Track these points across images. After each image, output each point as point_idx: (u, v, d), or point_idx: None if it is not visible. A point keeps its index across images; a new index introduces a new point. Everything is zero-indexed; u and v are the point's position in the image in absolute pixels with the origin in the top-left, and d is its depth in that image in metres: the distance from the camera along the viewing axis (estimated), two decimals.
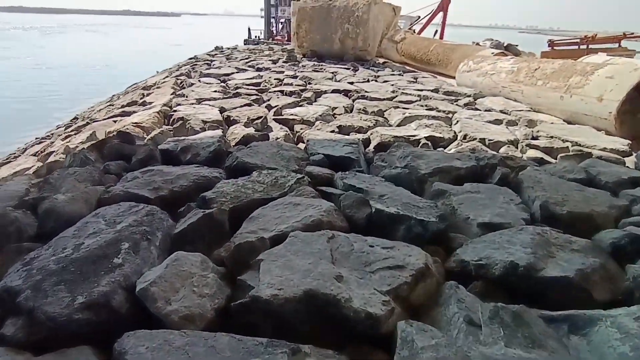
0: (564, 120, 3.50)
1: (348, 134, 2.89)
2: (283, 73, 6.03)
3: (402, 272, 1.21)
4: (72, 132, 3.68)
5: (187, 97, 3.99)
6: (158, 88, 4.80)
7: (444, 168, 2.11)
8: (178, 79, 5.18)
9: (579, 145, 2.71)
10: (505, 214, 1.64)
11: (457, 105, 4.11)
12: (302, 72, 6.22)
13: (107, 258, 1.22)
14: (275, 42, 17.08)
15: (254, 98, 4.03)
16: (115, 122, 3.42)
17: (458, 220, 1.65)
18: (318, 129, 2.94)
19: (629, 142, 2.80)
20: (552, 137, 2.91)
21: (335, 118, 3.39)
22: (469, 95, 4.60)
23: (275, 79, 5.30)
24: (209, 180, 1.90)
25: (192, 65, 7.14)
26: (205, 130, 2.78)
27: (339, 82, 5.47)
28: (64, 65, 18.36)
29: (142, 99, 4.26)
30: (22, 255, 1.32)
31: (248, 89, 4.56)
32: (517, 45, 12.45)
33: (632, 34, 11.06)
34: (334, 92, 4.58)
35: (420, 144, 2.66)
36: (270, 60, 7.85)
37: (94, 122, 3.67)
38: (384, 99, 4.24)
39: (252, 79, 5.32)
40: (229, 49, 11.07)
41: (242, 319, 1.09)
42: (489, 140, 2.76)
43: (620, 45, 10.97)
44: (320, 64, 7.30)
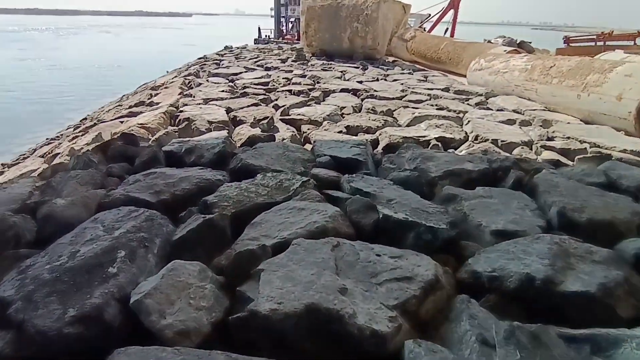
0: (581, 120, 3.37)
1: (356, 135, 2.82)
2: (292, 72, 5.98)
3: (410, 284, 1.14)
4: (79, 133, 3.68)
5: (194, 97, 3.96)
6: (166, 88, 4.79)
7: (455, 171, 2.03)
8: (186, 79, 5.17)
9: (598, 147, 2.59)
10: (520, 221, 1.55)
11: (468, 105, 4.00)
12: (310, 71, 6.15)
13: (101, 267, 1.18)
14: (285, 41, 17.05)
15: (262, 98, 3.98)
16: (122, 122, 3.41)
17: (470, 227, 1.57)
18: (325, 130, 2.87)
19: None
20: (568, 137, 2.80)
21: (344, 118, 3.32)
22: (481, 94, 4.48)
23: (284, 78, 5.25)
24: (212, 184, 1.85)
25: (201, 65, 7.13)
26: (211, 131, 2.74)
27: (348, 81, 5.40)
28: (77, 66, 18.64)
29: (149, 100, 4.25)
30: (18, 262, 1.28)
31: (256, 89, 4.52)
32: (530, 42, 12.19)
33: None
34: (343, 91, 4.51)
35: (430, 145, 2.57)
36: (280, 60, 7.80)
37: (101, 122, 3.66)
38: (394, 99, 4.15)
39: (260, 79, 5.28)
40: (239, 49, 11.06)
41: (239, 334, 1.03)
42: (502, 142, 2.66)
43: (636, 43, 10.66)
44: (329, 63, 7.23)
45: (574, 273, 1.20)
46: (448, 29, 17.08)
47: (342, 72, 6.18)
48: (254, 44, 15.18)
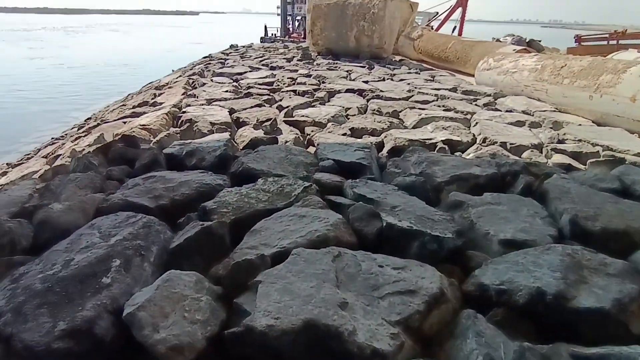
0: (593, 122, 3.28)
1: (361, 137, 2.77)
2: (297, 72, 5.93)
3: (413, 298, 1.09)
4: (82, 133, 3.67)
5: (197, 97, 3.93)
6: (170, 88, 4.77)
7: (462, 175, 1.97)
8: (190, 79, 5.15)
9: (611, 150, 2.51)
10: (530, 230, 1.49)
11: (476, 106, 3.92)
12: (316, 70, 6.10)
13: (95, 277, 1.14)
14: (292, 39, 17.01)
15: (266, 98, 3.94)
16: (125, 123, 3.39)
17: (477, 236, 1.51)
18: (329, 132, 2.83)
19: None
20: (580, 140, 2.72)
21: (348, 119, 3.27)
22: (489, 95, 4.39)
23: (289, 78, 5.21)
24: (212, 188, 1.81)
25: (205, 64, 7.12)
26: (213, 133, 2.71)
27: (354, 81, 5.33)
28: (85, 65, 18.76)
29: (153, 100, 4.23)
30: (12, 270, 1.26)
31: (260, 89, 4.48)
32: (540, 41, 12.01)
33: None
34: (348, 91, 4.45)
35: (437, 148, 2.51)
36: (285, 59, 7.76)
37: (105, 123, 3.65)
38: (400, 99, 4.09)
39: (265, 78, 5.24)
40: (244, 47, 11.04)
41: (235, 349, 0.99)
42: (511, 144, 2.59)
43: None
44: (335, 62, 7.17)
45: (587, 287, 1.14)
46: (456, 27, 16.90)
47: (347, 71, 6.12)
48: (260, 43, 15.17)
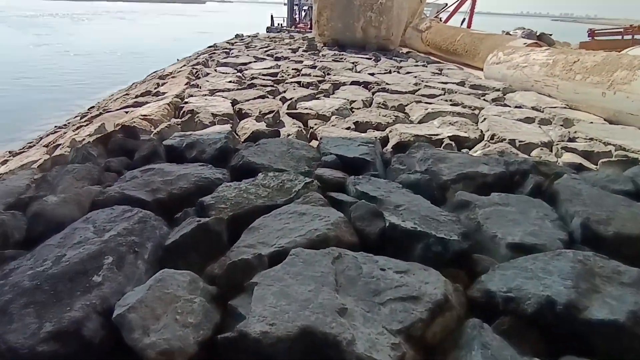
0: (605, 120, 3.18)
1: (365, 131, 2.70)
2: (302, 63, 5.83)
3: (416, 305, 1.04)
4: (84, 122, 3.63)
5: (200, 87, 3.87)
6: (173, 78, 4.71)
7: (469, 174, 1.91)
8: (194, 68, 5.08)
9: (624, 150, 2.42)
10: (540, 233, 1.43)
11: (484, 101, 3.83)
12: (321, 62, 6.00)
13: (86, 275, 1.10)
14: (298, 30, 16.80)
15: (269, 89, 3.87)
16: (127, 112, 3.34)
17: (483, 239, 1.45)
18: (333, 125, 2.76)
19: None
20: (591, 139, 2.63)
21: (353, 113, 3.20)
22: (498, 90, 4.29)
23: (293, 69, 5.12)
24: (211, 183, 1.76)
25: (210, 54, 7.03)
26: (214, 125, 2.65)
27: (359, 73, 5.24)
28: (91, 53, 18.70)
29: (156, 89, 4.17)
30: (3, 265, 1.22)
31: (264, 80, 4.40)
32: (551, 35, 11.75)
33: None
34: (353, 84, 4.36)
35: (443, 144, 2.44)
36: (290, 49, 7.65)
37: (107, 112, 3.60)
38: (406, 92, 4.00)
39: (269, 69, 5.16)
40: (250, 37, 10.91)
41: (228, 355, 0.95)
42: (520, 142, 2.51)
43: None
44: (341, 54, 7.05)
45: (600, 297, 1.09)
46: (465, 20, 16.61)
47: (353, 63, 6.01)
48: (266, 33, 15.00)
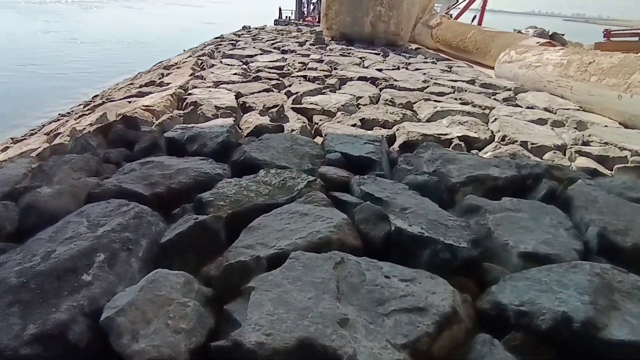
0: (620, 124, 3.08)
1: (371, 129, 2.63)
2: (309, 56, 5.74)
3: (423, 317, 0.98)
4: (87, 111, 3.58)
5: (204, 79, 3.80)
6: (178, 68, 4.65)
7: (479, 177, 1.83)
8: (199, 59, 5.01)
9: None
10: (554, 242, 1.36)
11: (495, 100, 3.73)
12: (328, 56, 5.90)
13: (75, 273, 1.05)
14: (306, 23, 16.65)
15: (275, 83, 3.80)
16: (130, 102, 3.29)
17: (494, 246, 1.38)
18: (339, 122, 2.69)
19: None
20: (606, 143, 2.54)
21: (359, 109, 3.12)
22: (509, 89, 4.19)
23: (300, 63, 5.04)
24: (211, 178, 1.70)
25: (216, 45, 6.95)
26: (217, 118, 2.59)
27: (367, 68, 5.14)
28: (98, 41, 18.67)
29: (160, 79, 4.11)
30: None
31: (269, 73, 4.33)
32: (563, 35, 11.55)
33: None
34: (361, 79, 4.28)
35: (452, 145, 2.37)
36: (297, 42, 7.54)
37: (110, 101, 3.55)
38: (414, 90, 3.91)
39: (275, 62, 5.08)
40: (257, 29, 10.80)
41: None
42: (532, 144, 2.42)
43: None
44: (349, 48, 6.95)
45: (620, 315, 1.02)
46: (476, 17, 16.37)
47: (361, 58, 5.92)
48: (274, 25, 14.87)
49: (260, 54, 5.73)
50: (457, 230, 1.37)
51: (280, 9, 20.58)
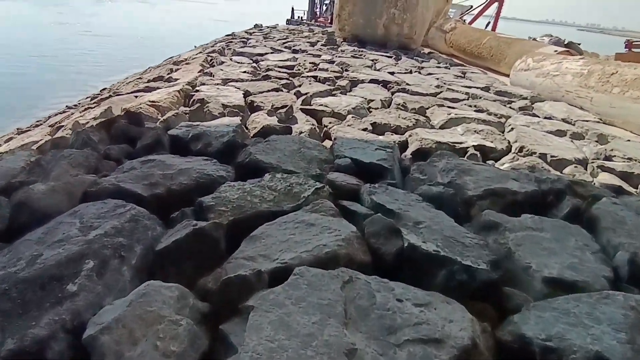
0: None
1: (382, 134, 2.53)
2: (320, 57, 5.66)
3: (439, 350, 0.88)
4: (93, 104, 3.52)
5: (213, 76, 3.73)
6: (187, 64, 4.58)
7: (497, 190, 1.73)
8: (209, 56, 4.94)
9: None
10: (581, 267, 1.25)
11: (510, 109, 3.61)
12: (340, 57, 5.81)
13: (60, 282, 0.97)
14: (318, 23, 16.59)
15: (284, 82, 3.71)
16: (137, 97, 3.22)
17: (515, 268, 1.28)
18: (349, 125, 2.59)
19: None
20: (630, 158, 2.42)
21: (370, 113, 3.02)
22: (525, 98, 4.06)
23: (311, 63, 4.95)
24: (213, 180, 1.62)
25: (227, 43, 6.89)
26: (224, 116, 2.51)
27: (379, 71, 5.04)
28: (111, 34, 18.77)
29: (168, 75, 4.05)
30: None
31: (280, 72, 4.24)
32: (579, 44, 11.34)
33: None
34: (372, 82, 4.18)
35: (468, 154, 2.26)
36: (309, 42, 7.47)
37: (117, 95, 3.49)
38: (427, 95, 3.80)
39: (286, 61, 5.00)
40: (269, 28, 10.75)
41: None
42: (552, 157, 2.31)
43: None
44: (361, 50, 6.85)
45: None
46: (490, 23, 16.20)
47: (373, 60, 5.82)
48: (286, 24, 14.82)
49: (271, 53, 5.65)
50: (475, 250, 1.27)
51: (293, 9, 20.56)
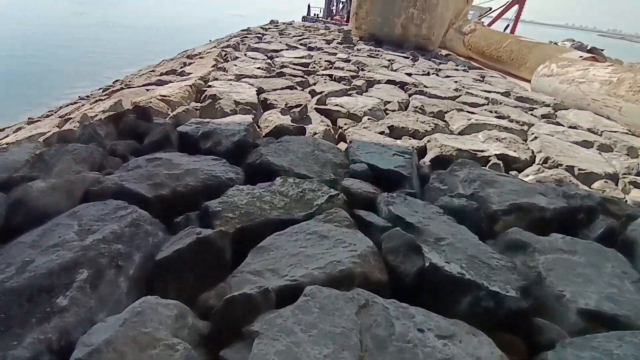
0: None
1: (400, 138, 2.42)
2: (335, 55, 5.55)
3: None
4: (104, 96, 3.48)
5: (227, 71, 3.65)
6: (201, 58, 4.52)
7: (524, 205, 1.60)
8: (224, 51, 4.87)
9: None
10: (620, 299, 1.13)
11: (532, 116, 3.46)
12: (356, 56, 5.69)
13: (50, 294, 0.89)
14: (334, 21, 16.45)
15: (299, 80, 3.62)
16: (148, 90, 3.16)
17: (546, 296, 1.16)
18: (365, 127, 2.48)
19: None
20: None
21: (387, 115, 2.91)
22: (548, 105, 3.90)
23: (326, 61, 4.85)
24: (221, 183, 1.53)
25: (242, 38, 6.82)
26: (236, 114, 2.42)
27: (396, 71, 4.91)
28: (129, 25, 18.91)
29: (181, 68, 3.99)
30: None
31: (294, 69, 4.15)
32: (602, 50, 11.01)
33: None
34: (389, 82, 4.06)
35: (490, 163, 2.13)
36: (325, 40, 7.36)
37: (128, 88, 3.43)
38: (446, 98, 3.67)
39: (301, 59, 4.90)
40: (284, 24, 10.66)
41: None
42: (580, 170, 2.17)
43: None
44: (377, 50, 6.71)
45: None
46: (509, 26, 15.85)
47: (390, 60, 5.68)
48: (302, 21, 14.71)
49: (286, 49, 5.56)
50: (502, 273, 1.16)
51: (309, 6, 20.41)
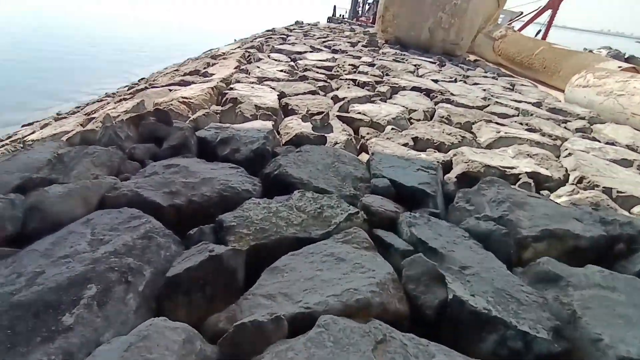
0: None
1: (424, 150, 2.33)
2: (360, 59, 5.47)
3: None
4: (128, 95, 3.52)
5: (249, 73, 3.64)
6: (224, 59, 4.53)
7: (557, 232, 1.49)
8: (247, 52, 4.87)
9: None
10: None
11: (566, 129, 3.29)
12: (381, 60, 5.60)
13: (56, 311, 0.86)
14: (359, 23, 16.34)
15: (322, 84, 3.56)
16: (171, 91, 3.17)
17: (581, 338, 1.06)
18: (388, 138, 2.41)
19: None
20: None
21: (411, 125, 2.82)
22: (583, 118, 3.71)
23: (350, 65, 4.78)
24: (237, 195, 1.49)
25: (266, 38, 6.83)
26: (256, 119, 2.39)
27: (421, 77, 4.79)
28: (162, 23, 19.36)
29: (204, 69, 4.00)
30: None
31: (317, 73, 4.10)
32: None
33: None
34: (414, 89, 3.95)
35: (519, 182, 2.02)
36: (349, 43, 7.28)
37: (152, 87, 3.46)
38: (473, 107, 3.54)
39: (324, 61, 4.85)
40: (309, 25, 10.64)
41: None
42: (618, 193, 2.02)
43: None
44: (403, 54, 6.59)
45: None
46: (540, 31, 15.35)
47: (415, 65, 5.56)
48: (327, 22, 14.68)
49: (310, 52, 5.52)
50: (532, 310, 1.07)
51: (335, 7, 20.33)
